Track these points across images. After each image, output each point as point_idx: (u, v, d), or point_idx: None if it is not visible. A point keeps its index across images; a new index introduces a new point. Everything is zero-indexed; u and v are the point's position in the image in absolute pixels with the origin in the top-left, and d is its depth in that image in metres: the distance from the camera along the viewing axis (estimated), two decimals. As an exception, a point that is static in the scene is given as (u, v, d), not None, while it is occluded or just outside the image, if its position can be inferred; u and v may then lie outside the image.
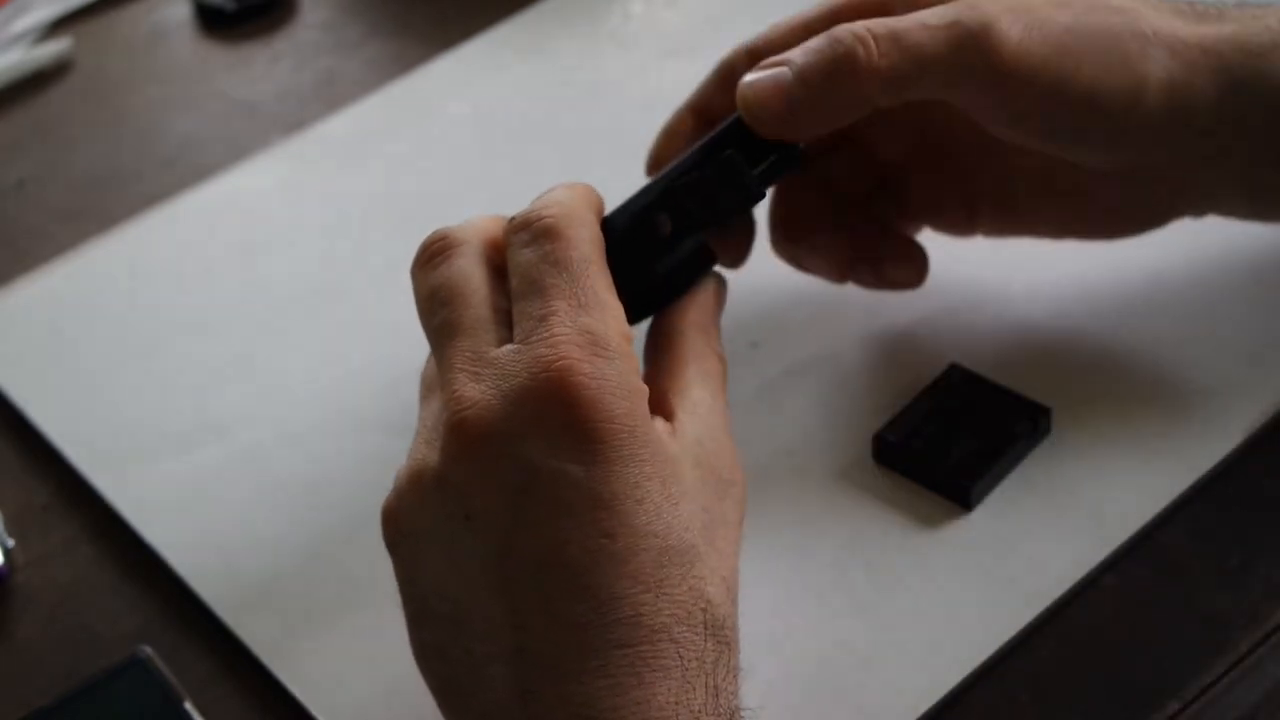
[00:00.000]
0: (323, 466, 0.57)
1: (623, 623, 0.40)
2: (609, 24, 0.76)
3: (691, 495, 0.43)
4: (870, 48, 0.47)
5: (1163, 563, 0.49)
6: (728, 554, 0.44)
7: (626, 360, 0.42)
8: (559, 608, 0.40)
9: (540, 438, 0.41)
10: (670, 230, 0.47)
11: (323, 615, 0.52)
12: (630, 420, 0.41)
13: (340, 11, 0.82)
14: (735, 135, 0.49)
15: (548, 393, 0.41)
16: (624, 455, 0.41)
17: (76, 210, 0.72)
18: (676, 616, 0.41)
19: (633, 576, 0.41)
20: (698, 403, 0.46)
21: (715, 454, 0.45)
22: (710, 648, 0.41)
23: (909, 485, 0.51)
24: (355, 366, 0.60)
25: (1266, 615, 0.47)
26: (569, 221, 0.45)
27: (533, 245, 0.44)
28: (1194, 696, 0.45)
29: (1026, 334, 0.55)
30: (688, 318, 0.48)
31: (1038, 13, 0.48)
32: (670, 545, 0.41)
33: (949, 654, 0.47)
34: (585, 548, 0.40)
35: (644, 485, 0.41)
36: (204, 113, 0.77)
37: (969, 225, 0.55)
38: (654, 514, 0.41)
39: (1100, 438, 0.52)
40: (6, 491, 0.59)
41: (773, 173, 0.49)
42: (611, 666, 0.40)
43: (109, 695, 0.51)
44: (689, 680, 0.40)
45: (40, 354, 0.65)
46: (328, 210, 0.69)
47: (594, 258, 0.44)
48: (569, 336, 0.42)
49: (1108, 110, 0.48)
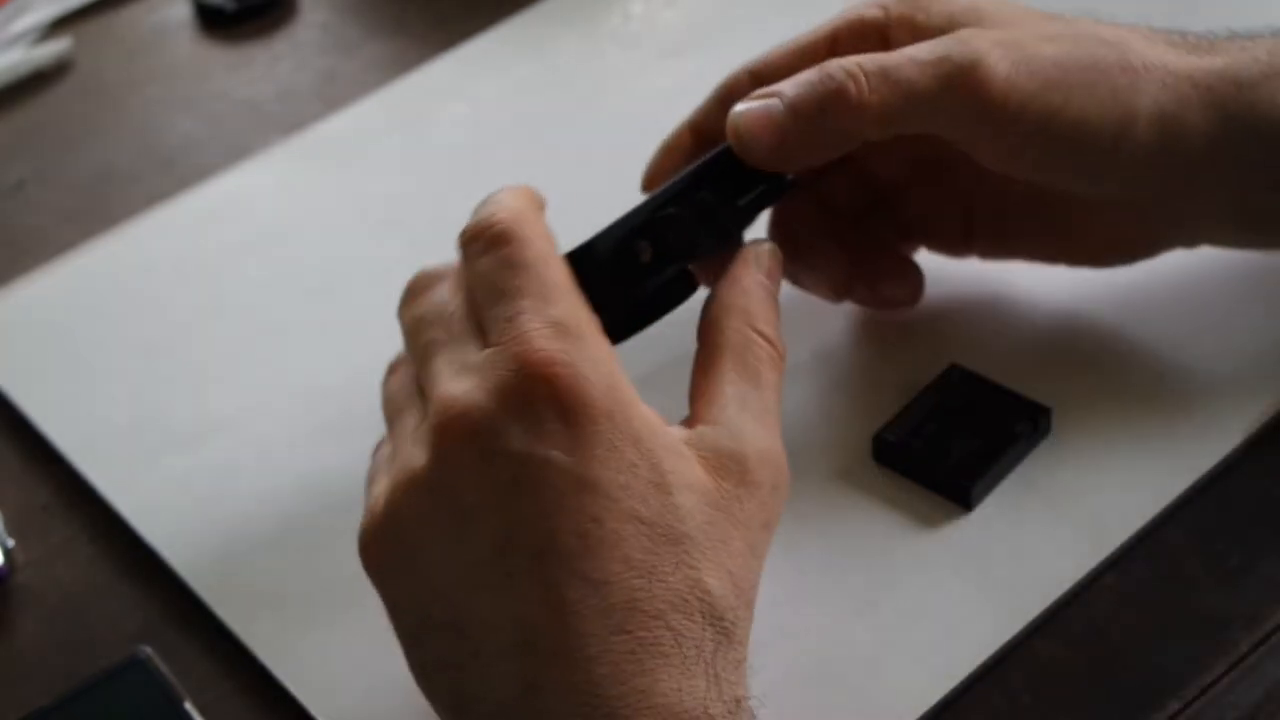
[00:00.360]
0: (322, 466, 0.57)
1: (618, 608, 0.40)
2: (609, 24, 0.76)
3: (693, 488, 0.43)
4: (861, 83, 0.48)
5: (1163, 563, 0.49)
6: (739, 552, 0.43)
7: (598, 346, 0.43)
8: (558, 596, 0.41)
9: (524, 429, 0.41)
10: (651, 257, 0.48)
11: (323, 615, 0.52)
12: (609, 404, 0.42)
13: (340, 11, 0.82)
14: (725, 163, 0.49)
15: (527, 384, 0.42)
16: (606, 439, 0.42)
17: (76, 210, 0.72)
18: (671, 604, 0.41)
19: (624, 560, 0.41)
20: (729, 399, 0.45)
21: (739, 453, 0.44)
22: (709, 636, 0.41)
23: (909, 485, 0.51)
24: (355, 366, 0.60)
25: (1266, 615, 0.47)
26: (519, 222, 0.45)
27: (489, 253, 0.45)
28: (1194, 696, 0.45)
29: (1026, 334, 0.56)
30: (723, 301, 0.47)
31: (1026, 47, 0.48)
32: (660, 532, 0.41)
33: (949, 654, 0.47)
34: (577, 533, 0.41)
35: (629, 470, 0.42)
36: (204, 113, 0.77)
37: (964, 246, 0.55)
38: (640, 499, 0.41)
39: (1100, 438, 0.52)
40: (6, 491, 0.59)
41: (759, 203, 0.50)
42: (612, 654, 0.40)
43: (109, 695, 0.51)
44: (688, 667, 0.40)
45: (40, 354, 0.65)
46: (327, 210, 0.69)
47: (549, 253, 0.45)
48: (539, 330, 0.42)
49: (1097, 143, 0.48)
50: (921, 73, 0.48)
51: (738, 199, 0.49)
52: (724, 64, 0.55)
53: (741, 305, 0.47)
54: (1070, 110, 0.48)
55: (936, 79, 0.48)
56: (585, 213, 0.51)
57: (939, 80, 0.48)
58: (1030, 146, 0.49)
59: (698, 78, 0.55)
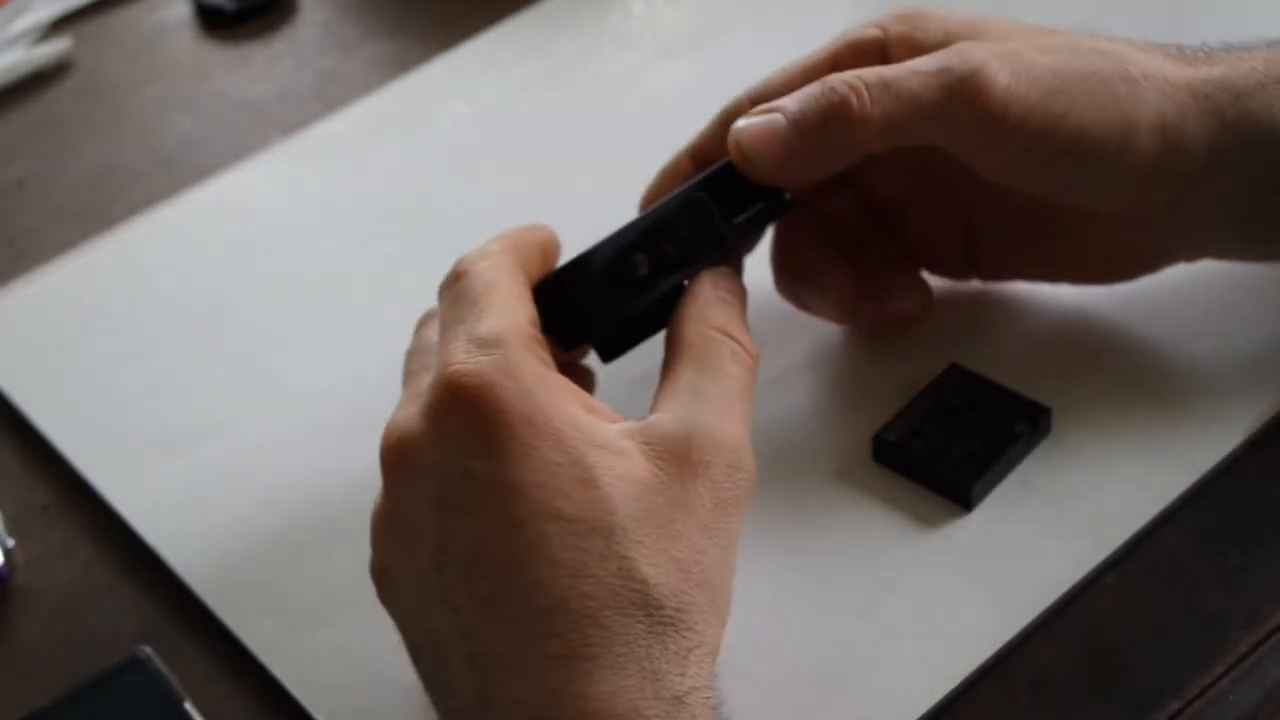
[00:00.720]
0: (322, 467, 0.57)
1: (547, 611, 0.40)
2: (609, 24, 0.76)
3: (626, 478, 0.42)
4: (863, 96, 0.48)
5: (1163, 563, 0.49)
6: (685, 535, 0.42)
7: (520, 352, 0.43)
8: (492, 607, 0.41)
9: (445, 444, 0.43)
10: (648, 270, 0.48)
11: (323, 615, 0.52)
12: (525, 408, 0.42)
13: (340, 11, 0.82)
14: (724, 179, 0.49)
15: (444, 401, 0.43)
16: (523, 443, 0.42)
17: (76, 210, 0.72)
18: (601, 600, 0.41)
19: (551, 562, 0.41)
20: (682, 389, 0.45)
21: (681, 435, 0.44)
22: (642, 630, 0.41)
23: (909, 485, 0.51)
24: (355, 367, 0.60)
25: (1266, 615, 0.47)
26: (475, 260, 0.47)
27: (446, 293, 0.47)
28: (1194, 696, 0.45)
29: (1026, 334, 0.56)
30: (681, 312, 0.48)
31: (1025, 57, 0.48)
32: (587, 527, 0.41)
33: (949, 654, 0.47)
34: (503, 539, 0.41)
35: (548, 470, 0.42)
36: (204, 113, 0.77)
37: (966, 267, 0.55)
38: (563, 497, 0.41)
39: (1100, 438, 0.52)
40: (6, 491, 0.59)
41: (758, 220, 0.50)
42: (547, 660, 0.40)
43: (109, 695, 0.51)
44: (620, 666, 0.40)
45: (40, 354, 0.65)
46: (328, 210, 0.69)
47: (496, 280, 0.46)
48: (459, 347, 0.44)
49: (1098, 152, 0.48)
50: (923, 83, 0.48)
51: (735, 216, 0.49)
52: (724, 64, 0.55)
53: (698, 312, 0.47)
54: (1072, 119, 0.48)
55: (938, 89, 0.48)
56: (585, 213, 0.51)
57: (940, 90, 0.48)
58: (1032, 156, 0.49)
59: (698, 78, 0.55)
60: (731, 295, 0.48)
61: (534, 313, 0.46)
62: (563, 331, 0.48)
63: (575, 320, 0.48)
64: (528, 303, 0.46)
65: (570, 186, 0.67)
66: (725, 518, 0.44)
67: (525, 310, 0.46)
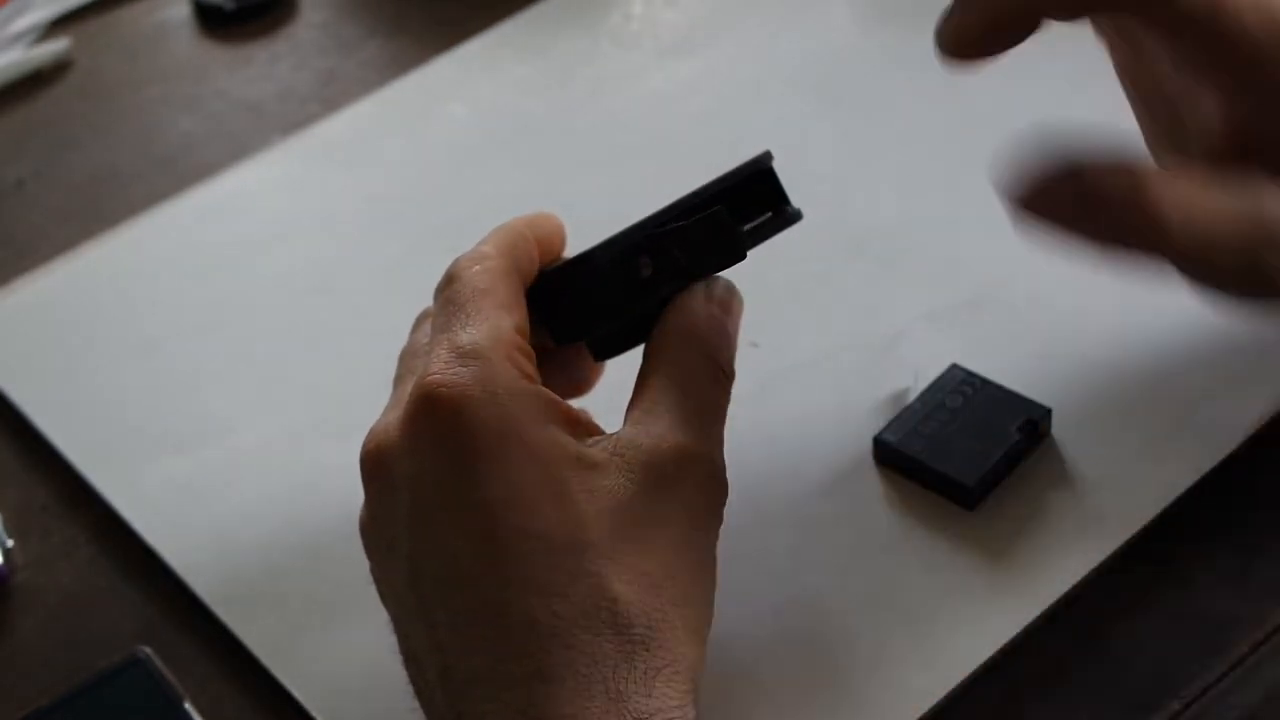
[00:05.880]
0: (322, 466, 0.57)
1: (516, 629, 0.40)
2: (609, 24, 0.76)
3: (598, 492, 0.42)
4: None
5: (1163, 563, 0.49)
6: (658, 550, 0.42)
7: (496, 365, 0.43)
8: (463, 623, 0.41)
9: (418, 455, 0.42)
10: (651, 273, 0.48)
11: (323, 615, 0.52)
12: (499, 422, 0.41)
13: (340, 11, 0.82)
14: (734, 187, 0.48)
15: (419, 412, 0.42)
16: (495, 457, 0.41)
17: (76, 210, 0.72)
18: (570, 619, 0.40)
19: (522, 580, 0.40)
20: (656, 403, 0.44)
21: (654, 449, 0.43)
22: (611, 649, 0.40)
23: (909, 485, 0.51)
24: (355, 366, 0.60)
25: (1266, 616, 0.47)
26: (467, 264, 0.46)
27: (438, 297, 0.46)
28: (1194, 696, 0.45)
29: (1026, 334, 0.56)
30: (665, 325, 0.46)
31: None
32: (558, 544, 0.41)
33: (949, 654, 0.47)
34: (473, 557, 0.41)
35: (518, 485, 0.41)
36: (204, 113, 0.77)
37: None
38: (532, 513, 0.41)
39: (1100, 438, 0.52)
40: (6, 491, 0.59)
41: (766, 230, 0.49)
42: (515, 680, 0.39)
43: (109, 695, 0.51)
44: (584, 688, 0.39)
45: (40, 354, 0.65)
46: (328, 210, 0.69)
47: (486, 286, 0.45)
48: (440, 356, 0.43)
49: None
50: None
51: (744, 223, 0.49)
52: (724, 64, 0.55)
53: (681, 324, 0.46)
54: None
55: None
56: (585, 213, 0.51)
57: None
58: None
59: (698, 78, 0.55)
60: (722, 309, 0.47)
61: (522, 319, 0.45)
62: (557, 327, 0.48)
63: (571, 316, 0.48)
64: (516, 309, 0.45)
65: (570, 187, 0.67)
66: (699, 533, 0.43)
67: (511, 319, 0.45)
